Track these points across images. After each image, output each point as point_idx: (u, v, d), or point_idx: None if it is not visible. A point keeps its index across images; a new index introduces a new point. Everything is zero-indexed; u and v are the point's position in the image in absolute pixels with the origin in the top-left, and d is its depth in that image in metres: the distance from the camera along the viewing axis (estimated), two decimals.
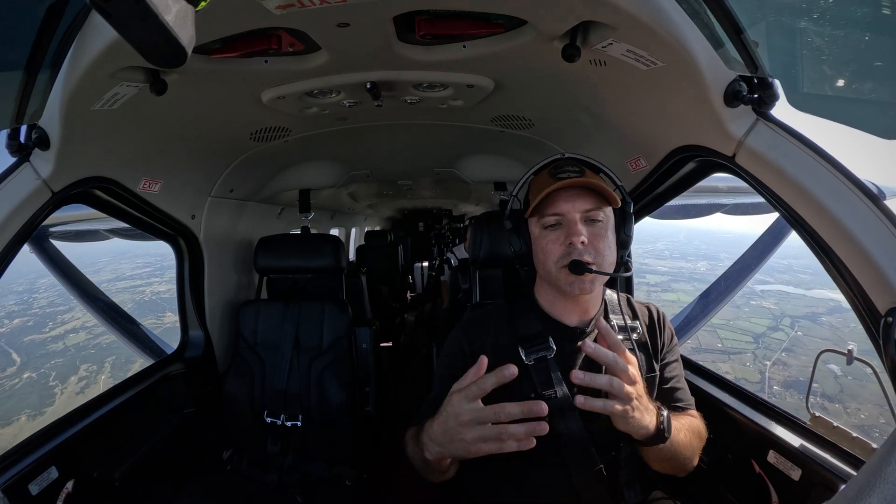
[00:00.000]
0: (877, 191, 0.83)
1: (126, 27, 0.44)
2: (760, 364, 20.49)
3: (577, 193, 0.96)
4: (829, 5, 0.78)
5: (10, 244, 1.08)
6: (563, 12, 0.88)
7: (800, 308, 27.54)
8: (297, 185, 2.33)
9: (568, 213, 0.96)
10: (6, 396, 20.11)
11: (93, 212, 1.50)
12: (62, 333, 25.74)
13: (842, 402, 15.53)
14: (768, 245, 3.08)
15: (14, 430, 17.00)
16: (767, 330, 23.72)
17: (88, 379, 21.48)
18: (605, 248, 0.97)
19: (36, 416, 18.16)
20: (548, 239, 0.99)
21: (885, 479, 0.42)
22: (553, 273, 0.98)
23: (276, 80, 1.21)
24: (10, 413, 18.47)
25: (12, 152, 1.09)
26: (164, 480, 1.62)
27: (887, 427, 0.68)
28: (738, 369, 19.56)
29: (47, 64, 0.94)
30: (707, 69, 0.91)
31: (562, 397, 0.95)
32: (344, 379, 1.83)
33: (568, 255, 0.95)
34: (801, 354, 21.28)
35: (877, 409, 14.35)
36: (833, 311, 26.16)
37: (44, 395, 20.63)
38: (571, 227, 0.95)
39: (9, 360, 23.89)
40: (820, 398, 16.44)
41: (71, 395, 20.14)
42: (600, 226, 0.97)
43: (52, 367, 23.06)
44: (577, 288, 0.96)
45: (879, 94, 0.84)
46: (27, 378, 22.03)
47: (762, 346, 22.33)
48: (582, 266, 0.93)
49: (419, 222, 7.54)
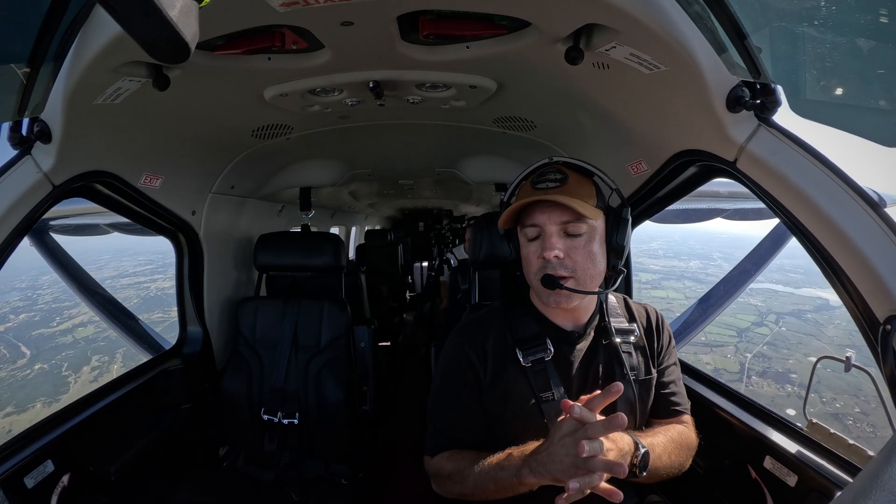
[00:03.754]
0: (877, 198, 0.83)
1: (130, 22, 0.44)
2: (741, 356, 21.16)
3: (554, 205, 0.93)
4: (833, 12, 0.78)
5: (10, 237, 1.08)
6: (567, 15, 0.88)
7: (786, 305, 28.16)
8: (298, 183, 2.33)
9: (545, 224, 0.94)
10: (19, 386, 21.10)
11: (93, 206, 1.50)
12: (70, 327, 26.43)
13: (818, 392, 16.04)
14: (768, 251, 3.09)
15: (30, 416, 17.68)
16: (752, 325, 24.25)
17: (101, 368, 22.30)
18: (587, 260, 0.94)
19: (51, 402, 19.07)
20: (529, 249, 0.98)
21: (882, 487, 0.42)
22: (534, 284, 0.98)
23: (278, 78, 1.21)
24: (25, 400, 19.50)
25: (14, 145, 1.09)
26: (161, 476, 1.62)
27: (862, 416, 0.68)
28: (719, 360, 20.29)
29: (50, 57, 0.94)
30: (710, 74, 0.91)
31: (559, 399, 0.95)
32: (342, 377, 1.83)
33: (543, 268, 0.94)
34: (782, 348, 22.08)
35: (852, 399, 14.97)
36: (820, 308, 26.92)
37: (58, 384, 21.55)
38: (546, 241, 0.94)
39: (18, 353, 24.76)
40: (798, 387, 17.35)
41: (85, 384, 21.05)
42: (580, 239, 0.94)
43: (63, 359, 23.93)
44: (552, 301, 0.95)
45: (882, 102, 0.84)
46: (38, 369, 22.90)
47: (745, 339, 22.90)
48: (553, 281, 0.91)
49: (419, 222, 7.54)
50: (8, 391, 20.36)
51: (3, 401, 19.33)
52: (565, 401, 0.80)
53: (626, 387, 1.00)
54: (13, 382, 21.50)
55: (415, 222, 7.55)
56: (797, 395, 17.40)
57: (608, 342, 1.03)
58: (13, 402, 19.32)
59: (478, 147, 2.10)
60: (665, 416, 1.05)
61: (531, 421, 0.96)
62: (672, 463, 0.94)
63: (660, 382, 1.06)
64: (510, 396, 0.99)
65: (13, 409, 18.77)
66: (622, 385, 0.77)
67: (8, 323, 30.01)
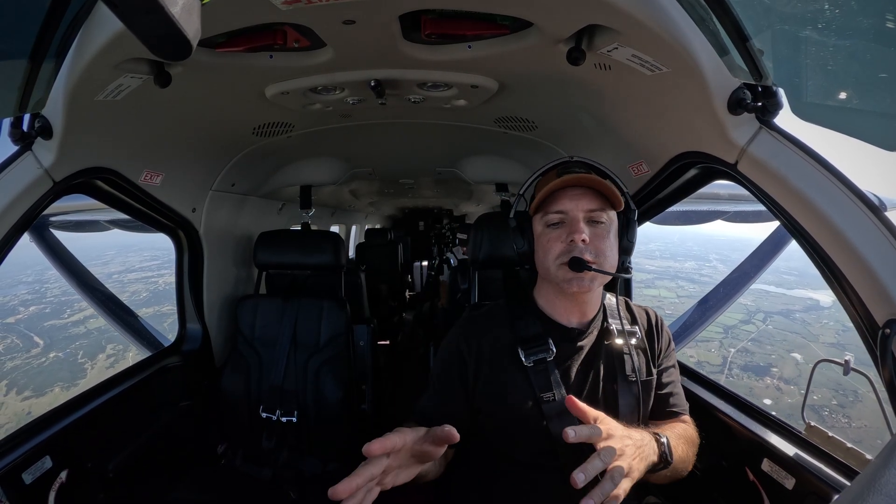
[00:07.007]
0: (878, 202, 0.83)
1: (132, 18, 0.44)
2: (725, 351, 21.83)
3: (581, 193, 0.96)
4: (835, 16, 0.78)
5: (10, 232, 1.08)
6: (569, 15, 0.88)
7: (776, 305, 28.66)
8: (298, 181, 2.33)
9: (571, 211, 0.96)
10: (36, 373, 22.46)
11: (93, 202, 1.50)
12: (82, 318, 27.08)
13: (797, 385, 16.67)
14: (767, 254, 3.08)
15: (49, 399, 18.87)
16: (739, 323, 24.79)
17: (117, 356, 23.20)
18: (607, 249, 0.97)
19: (69, 387, 20.50)
20: (550, 236, 0.99)
21: (879, 490, 0.42)
22: (552, 270, 0.98)
23: (280, 76, 1.21)
24: (43, 385, 20.96)
25: (15, 141, 1.10)
26: (159, 473, 1.62)
27: (838, 407, 0.69)
28: (703, 354, 20.84)
29: (52, 53, 0.94)
30: (711, 76, 0.91)
31: (560, 400, 0.95)
32: (340, 376, 1.83)
33: (569, 252, 0.95)
34: (766, 344, 22.77)
35: (830, 393, 15.46)
36: (809, 308, 27.50)
37: (74, 371, 22.83)
38: (574, 226, 0.96)
39: (32, 343, 25.84)
40: (777, 380, 18.08)
41: (102, 370, 22.19)
42: (603, 227, 0.97)
43: (78, 347, 25.05)
44: (575, 285, 0.95)
45: (883, 106, 0.84)
46: (53, 357, 24.16)
47: (730, 336, 23.52)
48: (581, 263, 0.93)
49: (420, 221, 7.55)
50: (25, 377, 21.47)
51: (21, 386, 20.54)
52: (570, 398, 0.80)
53: (629, 388, 1.00)
54: (29, 370, 22.52)
55: (415, 221, 7.55)
56: (775, 386, 18.09)
57: (609, 343, 1.03)
58: (31, 386, 20.48)
59: (479, 147, 2.10)
60: (664, 417, 1.05)
61: (530, 421, 0.96)
62: (685, 456, 0.95)
63: (659, 384, 1.06)
64: (508, 395, 0.99)
65: (31, 392, 19.92)
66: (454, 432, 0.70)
67: (18, 315, 30.65)
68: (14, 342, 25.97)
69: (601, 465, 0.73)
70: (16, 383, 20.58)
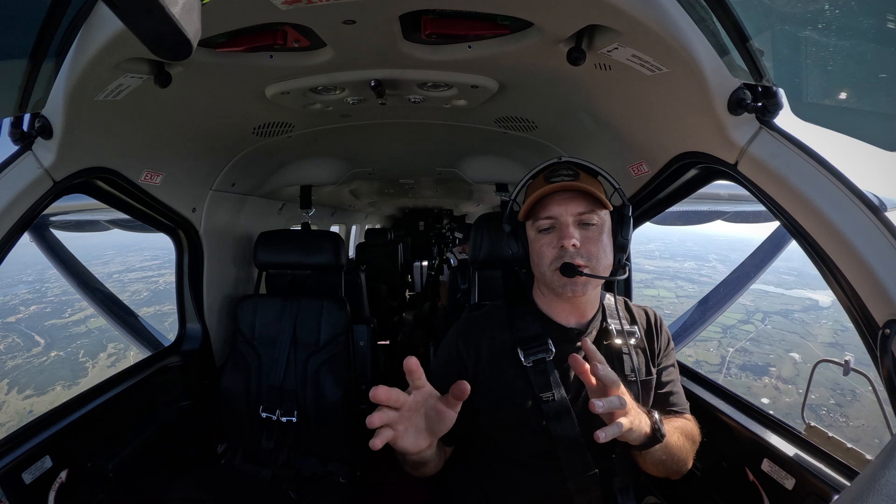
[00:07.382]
0: (878, 202, 0.83)
1: (132, 18, 0.44)
2: (724, 350, 22.01)
3: (569, 197, 0.96)
4: (836, 16, 0.78)
5: (10, 232, 1.08)
6: (569, 16, 0.88)
7: (775, 305, 28.74)
8: (298, 181, 2.33)
9: (560, 216, 0.96)
10: (37, 371, 22.43)
11: (93, 202, 1.50)
12: (83, 318, 27.18)
13: (795, 384, 16.87)
14: (768, 254, 3.08)
15: (51, 398, 18.95)
16: (738, 322, 24.90)
17: (118, 354, 23.24)
18: (599, 251, 0.97)
19: (71, 385, 20.57)
20: (542, 242, 0.99)
21: (879, 491, 0.42)
22: (547, 276, 0.99)
23: (280, 76, 1.21)
24: (45, 384, 20.96)
25: (15, 141, 1.10)
26: (158, 473, 1.62)
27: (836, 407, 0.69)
28: (701, 353, 21.04)
29: (52, 53, 0.94)
30: (711, 76, 0.91)
31: (559, 400, 0.95)
32: (340, 376, 1.83)
33: (560, 258, 0.95)
34: (764, 344, 22.95)
35: (828, 392, 15.64)
36: (808, 308, 27.62)
37: (76, 370, 22.82)
38: (563, 231, 0.96)
39: (33, 342, 25.91)
40: (774, 379, 18.26)
41: (103, 368, 22.26)
42: (594, 229, 0.97)
43: (79, 347, 25.06)
44: (569, 290, 0.96)
45: (883, 106, 0.84)
46: (55, 356, 24.21)
47: (729, 335, 23.65)
48: (573, 269, 0.93)
49: (420, 221, 7.55)
50: (26, 376, 21.50)
51: (22, 385, 20.44)
52: (573, 356, 0.79)
53: (628, 388, 1.00)
54: (30, 368, 22.59)
55: (415, 221, 7.55)
56: (773, 386, 18.25)
57: (608, 343, 1.03)
58: (32, 385, 20.50)
59: (479, 147, 2.10)
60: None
61: (529, 421, 0.97)
62: (681, 445, 0.95)
63: (658, 383, 1.06)
64: (508, 395, 0.99)
65: (32, 391, 19.95)
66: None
67: (18, 314, 30.72)
68: (15, 341, 26.05)
69: (618, 405, 0.77)
70: (17, 382, 20.62)
